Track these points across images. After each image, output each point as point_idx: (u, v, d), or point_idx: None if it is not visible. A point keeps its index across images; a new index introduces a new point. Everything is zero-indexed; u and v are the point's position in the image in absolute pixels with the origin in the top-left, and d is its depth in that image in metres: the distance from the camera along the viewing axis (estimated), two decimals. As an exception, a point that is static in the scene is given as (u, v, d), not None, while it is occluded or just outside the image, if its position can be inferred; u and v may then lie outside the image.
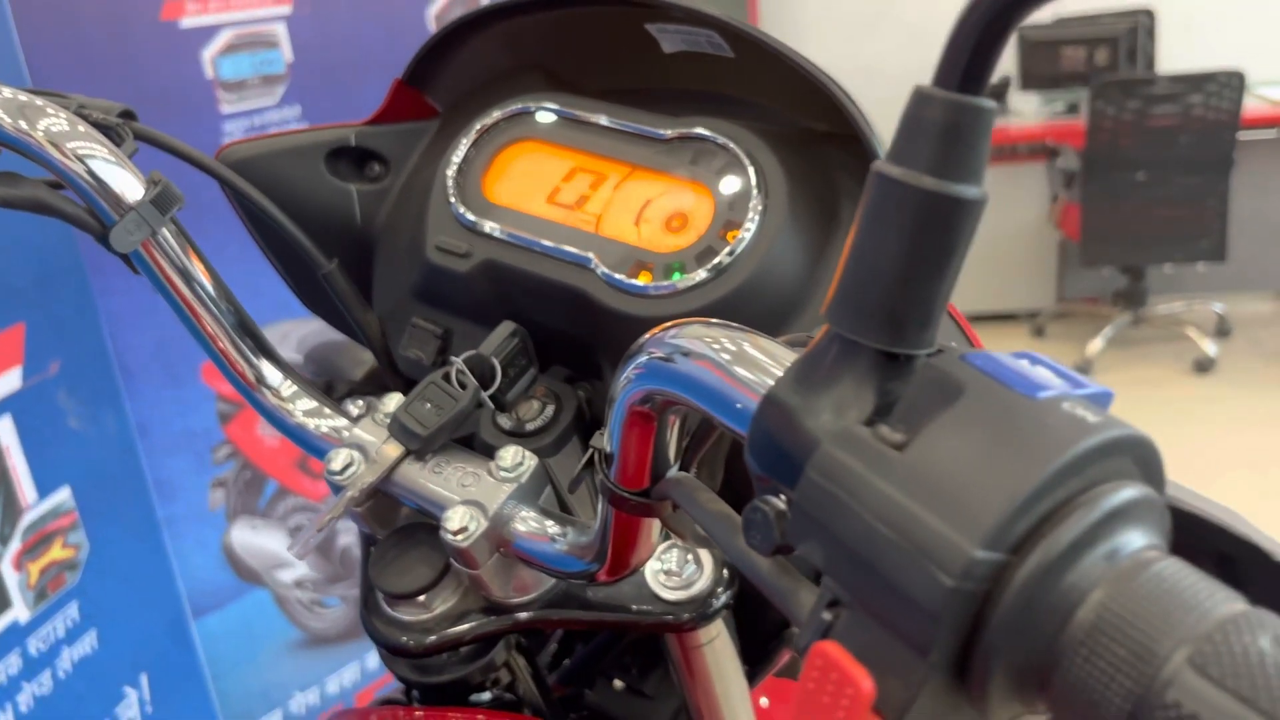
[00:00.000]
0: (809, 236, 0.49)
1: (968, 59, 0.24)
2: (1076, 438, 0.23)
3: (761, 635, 0.58)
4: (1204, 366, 3.61)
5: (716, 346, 0.30)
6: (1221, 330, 3.88)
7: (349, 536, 1.76)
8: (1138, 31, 3.98)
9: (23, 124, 0.50)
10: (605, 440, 0.37)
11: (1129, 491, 0.23)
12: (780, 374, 0.27)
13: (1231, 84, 3.34)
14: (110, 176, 0.50)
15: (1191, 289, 4.01)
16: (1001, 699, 0.23)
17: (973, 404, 0.24)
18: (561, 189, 0.54)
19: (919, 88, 0.25)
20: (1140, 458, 0.24)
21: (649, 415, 0.34)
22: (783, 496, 0.26)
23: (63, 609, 1.39)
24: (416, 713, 0.53)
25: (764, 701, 0.67)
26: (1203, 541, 0.25)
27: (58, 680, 1.38)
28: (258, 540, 1.68)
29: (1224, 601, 0.21)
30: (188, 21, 1.49)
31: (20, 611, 1.32)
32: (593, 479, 0.51)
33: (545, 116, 0.56)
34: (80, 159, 0.50)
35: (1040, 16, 4.23)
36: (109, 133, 0.53)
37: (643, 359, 0.33)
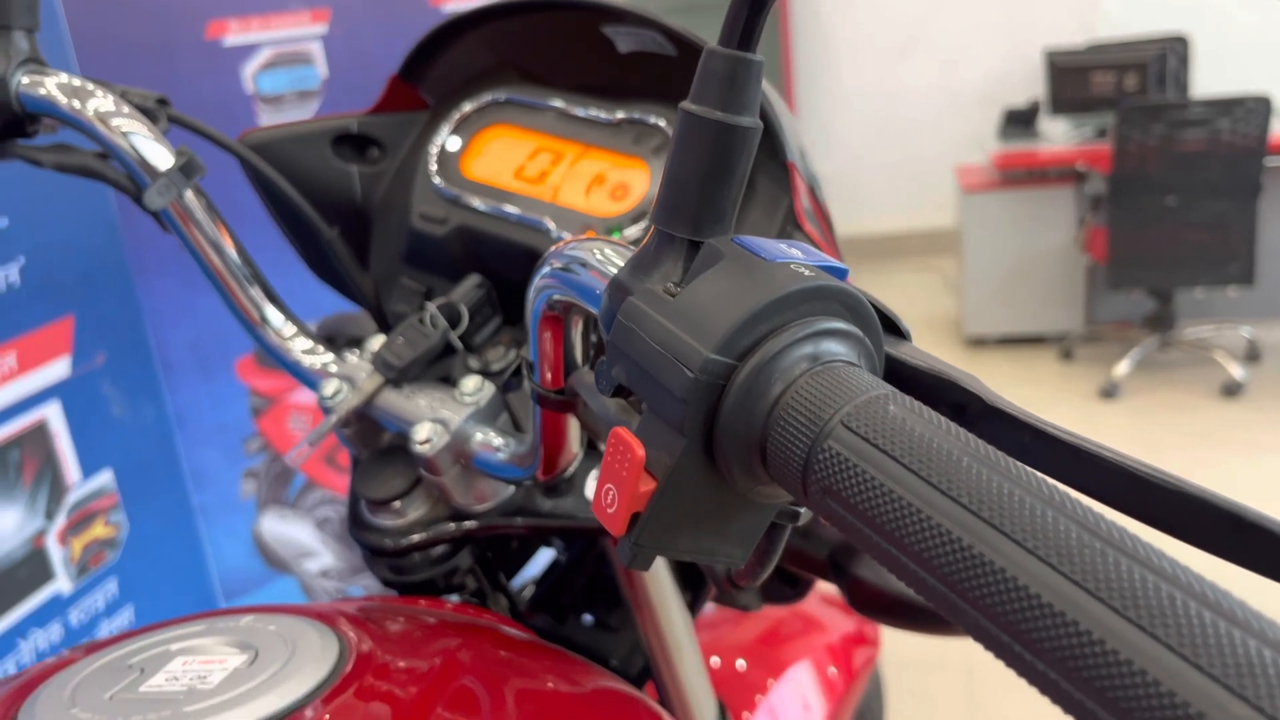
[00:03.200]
0: None
1: (743, 24, 0.31)
2: (790, 282, 0.30)
3: (697, 572, 0.65)
4: (1232, 391, 3.60)
5: (586, 251, 0.38)
6: (1251, 355, 3.88)
7: (373, 529, 1.85)
8: (1167, 57, 4.01)
9: (76, 103, 0.59)
10: (528, 351, 0.45)
11: (827, 323, 0.30)
12: (619, 263, 0.35)
13: (1259, 109, 3.36)
14: (146, 148, 0.59)
15: (1221, 314, 4.01)
16: (738, 470, 0.30)
17: (726, 264, 0.32)
18: (526, 166, 0.62)
19: (710, 47, 0.33)
20: (848, 305, 0.31)
21: (555, 319, 0.42)
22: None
23: (102, 584, 1.48)
24: (393, 602, 0.60)
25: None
26: (938, 394, 0.32)
27: (96, 651, 1.47)
28: (286, 530, 1.77)
29: (874, 387, 0.28)
30: (230, 40, 1.60)
31: (64, 584, 1.42)
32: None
33: (514, 105, 0.64)
34: (123, 134, 0.59)
35: (1072, 41, 4.28)
36: (147, 114, 0.61)
37: (545, 269, 0.40)
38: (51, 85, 0.60)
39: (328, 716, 0.41)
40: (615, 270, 0.36)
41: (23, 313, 1.36)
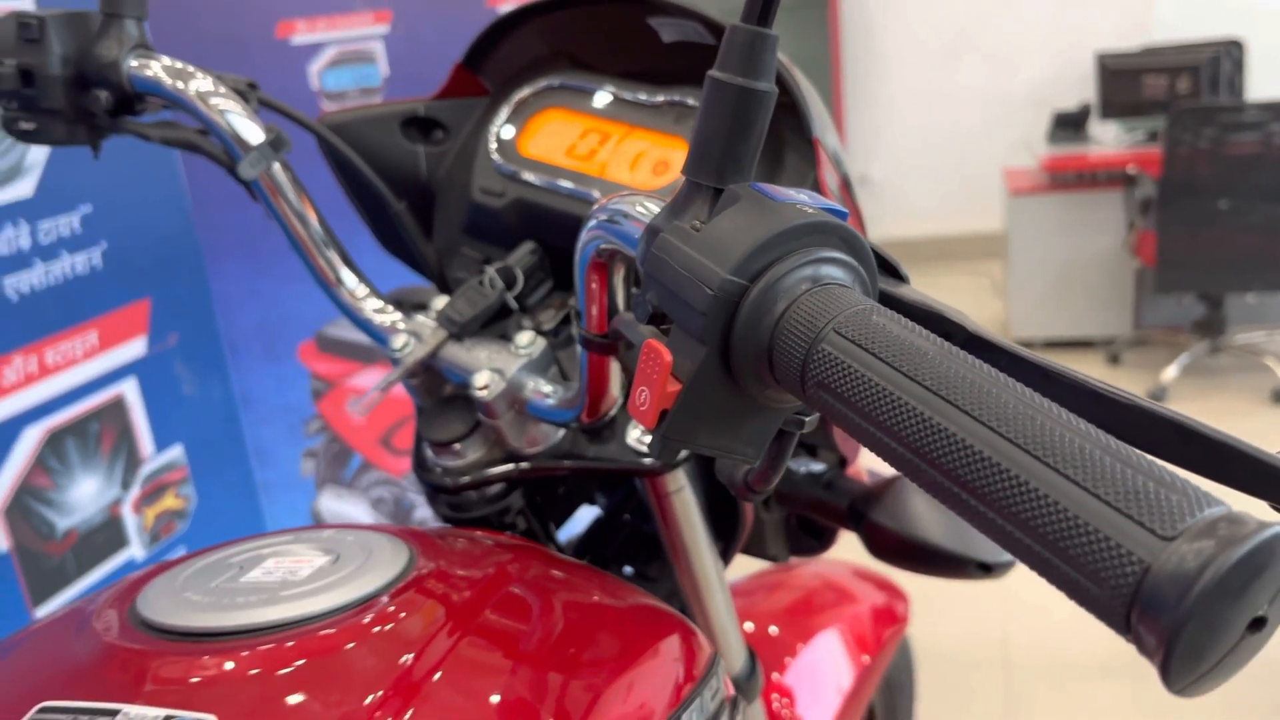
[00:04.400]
0: (760, 174, 0.62)
1: (762, 2, 0.37)
2: (795, 217, 0.36)
3: (729, 524, 0.71)
4: (1284, 397, 3.57)
5: (627, 204, 0.44)
6: (1305, 361, 3.83)
7: (424, 510, 1.92)
8: (1221, 61, 3.98)
9: (180, 84, 0.66)
10: (576, 301, 0.51)
11: (827, 252, 0.36)
12: (654, 211, 0.41)
13: (1313, 113, 3.34)
14: (240, 125, 0.66)
15: (1273, 319, 3.97)
16: (750, 375, 0.36)
17: (743, 204, 0.37)
18: (577, 145, 0.68)
19: (732, 23, 0.38)
20: (845, 239, 0.36)
21: (601, 267, 0.48)
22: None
23: (172, 552, 1.57)
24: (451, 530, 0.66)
25: None
26: (928, 324, 0.37)
27: (165, 615, 1.56)
28: (343, 508, 1.85)
29: (862, 302, 0.34)
30: (298, 39, 1.68)
31: (137, 550, 1.51)
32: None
33: (567, 90, 0.71)
34: (220, 111, 0.66)
35: (1125, 44, 4.26)
36: (239, 95, 0.68)
37: (591, 223, 0.46)
38: (157, 68, 0.67)
39: (397, 605, 0.47)
40: (644, 215, 0.41)
41: (104, 294, 1.45)
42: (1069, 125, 4.29)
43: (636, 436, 0.61)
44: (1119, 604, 0.25)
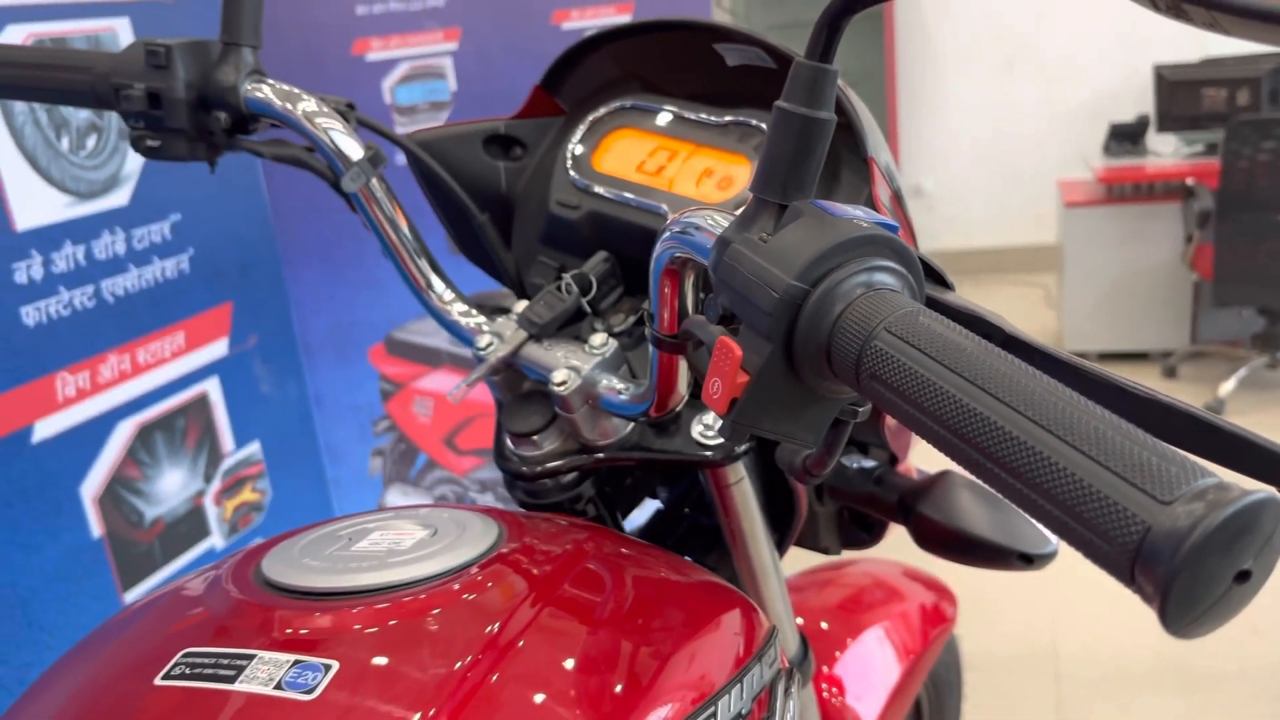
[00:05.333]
0: (819, 190, 0.67)
1: (823, 42, 0.42)
2: (852, 230, 0.41)
3: (784, 517, 0.76)
4: (1346, 412, 3.52)
5: (700, 217, 0.49)
6: (1368, 377, 3.77)
7: (485, 509, 1.99)
8: (1282, 73, 3.94)
9: (289, 106, 0.73)
10: (649, 304, 0.57)
11: (879, 261, 0.41)
12: (724, 225, 0.47)
13: (1377, 125, 3.30)
14: (342, 142, 0.72)
15: (1336, 334, 3.91)
16: (809, 368, 0.41)
17: (806, 219, 0.42)
18: (646, 162, 0.74)
19: (798, 60, 0.43)
20: (896, 250, 0.41)
21: (673, 274, 0.53)
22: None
23: (248, 543, 1.65)
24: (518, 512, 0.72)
25: None
26: (969, 325, 0.42)
27: (242, 602, 1.64)
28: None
29: (910, 304, 0.39)
30: (373, 56, 1.76)
31: (217, 540, 1.59)
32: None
33: (638, 110, 0.76)
34: (324, 130, 0.72)
35: (1183, 56, 4.24)
36: (340, 115, 0.75)
37: (665, 234, 0.52)
38: (269, 91, 0.74)
39: (488, 574, 0.53)
40: (719, 229, 0.47)
41: (191, 297, 1.54)
42: (1126, 137, 4.27)
43: (700, 431, 0.66)
44: (1124, 558, 0.30)
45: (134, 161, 1.44)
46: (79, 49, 0.80)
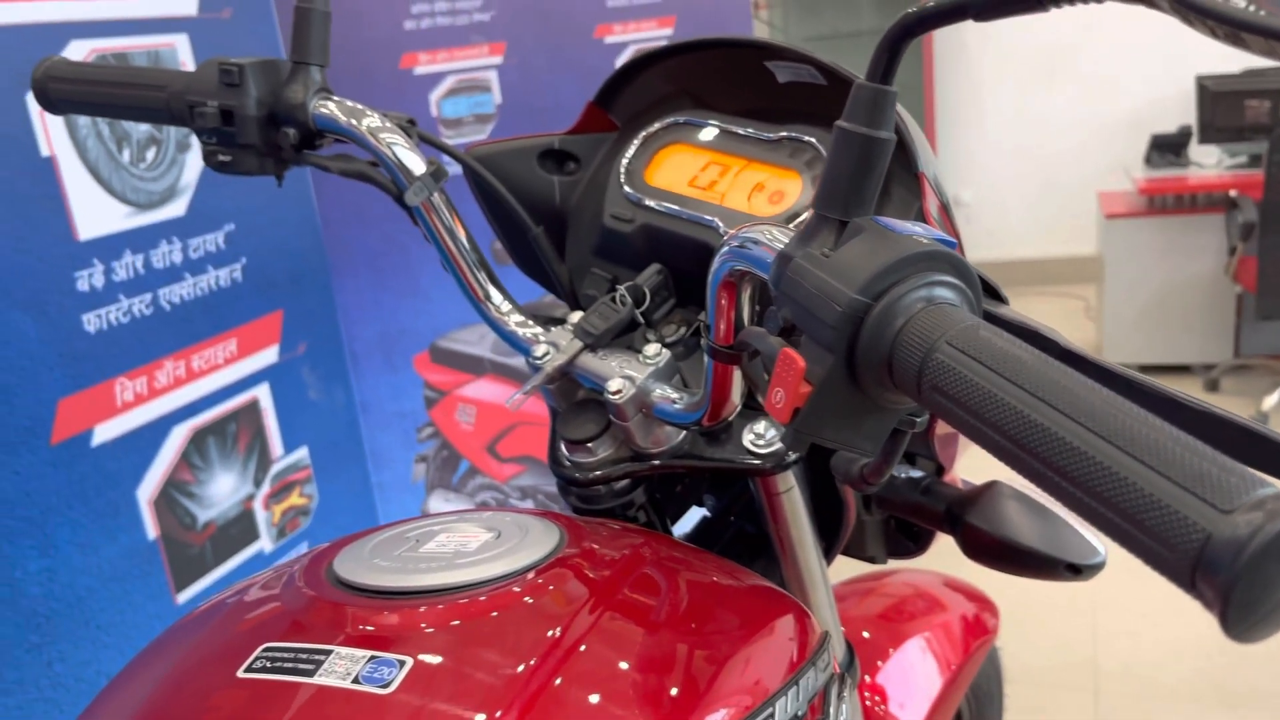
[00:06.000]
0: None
1: (883, 64, 0.44)
2: (912, 247, 0.42)
3: (832, 525, 0.77)
4: (1393, 427, 3.46)
5: (760, 233, 0.51)
6: None
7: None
8: (1328, 84, 3.89)
9: (353, 121, 0.76)
10: (705, 316, 0.59)
11: (939, 276, 0.42)
12: (785, 240, 0.48)
13: None
14: (406, 157, 0.75)
15: (1383, 348, 3.85)
16: (871, 379, 0.42)
17: (866, 235, 0.44)
18: (699, 176, 0.76)
19: (858, 81, 0.45)
20: (954, 265, 0.43)
21: (731, 286, 0.55)
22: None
23: (296, 547, 1.69)
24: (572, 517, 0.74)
25: None
26: (1025, 339, 0.43)
27: (289, 605, 1.67)
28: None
29: (970, 319, 0.40)
30: (420, 69, 1.80)
31: (265, 543, 1.63)
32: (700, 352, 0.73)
33: (690, 126, 0.78)
34: (388, 145, 0.75)
35: (1226, 67, 4.20)
36: (402, 130, 0.77)
37: (724, 248, 0.54)
38: (334, 108, 0.76)
39: (550, 576, 0.55)
40: (782, 245, 0.49)
41: (243, 305, 1.58)
42: (1168, 148, 4.24)
43: (751, 440, 0.68)
44: (1185, 566, 0.31)
45: (191, 173, 1.49)
46: (154, 68, 0.83)
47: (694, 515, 0.89)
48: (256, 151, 0.77)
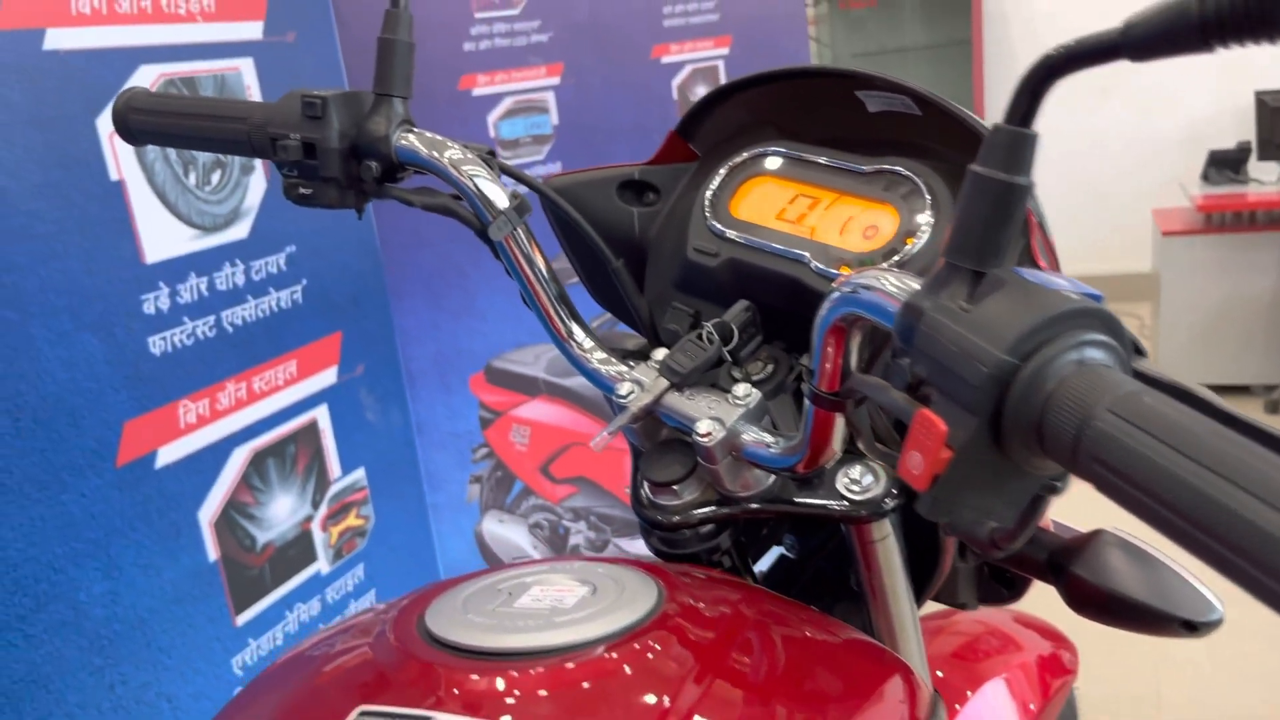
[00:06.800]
0: None
1: (1024, 106, 0.42)
2: (1063, 304, 0.40)
3: (927, 563, 0.74)
4: None
5: (878, 279, 0.48)
6: None
7: (579, 538, 1.99)
8: (1394, 99, 3.79)
9: (435, 154, 0.74)
10: (809, 360, 0.56)
11: (1090, 334, 0.40)
12: (912, 289, 0.46)
13: None
14: (489, 190, 0.74)
15: None
16: (1017, 444, 0.40)
17: (1010, 289, 0.41)
18: (786, 209, 0.74)
19: (996, 124, 0.43)
20: (1106, 322, 0.40)
21: (839, 333, 0.53)
22: (910, 355, 0.44)
23: (353, 568, 1.68)
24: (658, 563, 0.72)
25: None
26: (1185, 402, 0.41)
27: (344, 627, 1.67)
28: (503, 532, 1.94)
29: (1131, 384, 0.37)
30: (479, 91, 1.80)
31: (323, 565, 1.62)
32: (794, 407, 0.70)
33: (777, 158, 0.76)
34: (470, 178, 0.74)
35: (1285, 83, 4.10)
36: (483, 162, 0.76)
37: (835, 294, 0.51)
38: (415, 140, 0.75)
39: (655, 638, 0.53)
40: (904, 293, 0.46)
41: (303, 327, 1.58)
42: (1226, 165, 4.15)
43: (845, 484, 0.65)
44: None
45: (254, 195, 1.49)
46: (234, 99, 0.83)
47: (771, 552, 0.87)
48: (338, 184, 0.76)
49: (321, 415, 1.62)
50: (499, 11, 1.78)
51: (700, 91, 2.08)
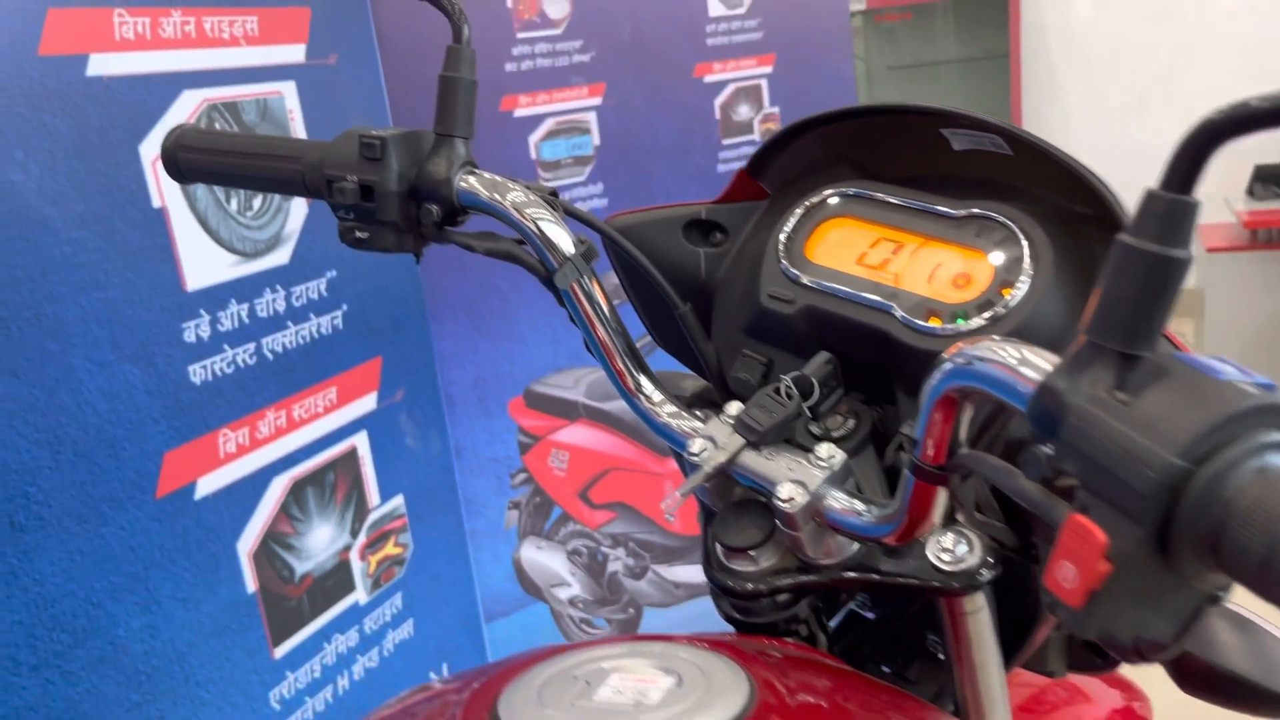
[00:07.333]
0: (1070, 296, 0.62)
1: (1183, 171, 0.38)
2: (1241, 400, 0.36)
3: (1016, 626, 0.70)
4: None
5: (1001, 352, 0.45)
6: None
7: (617, 564, 1.96)
8: None
9: (496, 196, 0.71)
10: (912, 429, 0.52)
11: (1272, 435, 0.36)
12: (1049, 368, 0.42)
13: None
14: (553, 234, 0.70)
15: None
16: (1188, 558, 0.36)
17: (1176, 379, 0.37)
18: (868, 254, 0.70)
19: (1151, 190, 0.39)
20: None
21: (950, 403, 0.49)
22: (1049, 445, 0.40)
23: (391, 598, 1.65)
24: (731, 636, 0.68)
25: None
26: None
27: (382, 658, 1.64)
28: (541, 559, 1.91)
29: None
30: (520, 112, 1.77)
31: (361, 595, 1.59)
32: (882, 476, 0.66)
33: (857, 199, 0.72)
34: (534, 221, 0.70)
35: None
36: (547, 204, 0.73)
37: (948, 364, 0.48)
38: (475, 182, 0.72)
39: None
40: (1039, 372, 0.42)
41: (344, 352, 1.55)
42: (1272, 180, 4.07)
43: (937, 553, 0.61)
44: None
45: (295, 220, 1.47)
46: (287, 137, 0.80)
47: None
48: (396, 229, 0.73)
49: (361, 442, 1.60)
50: (541, 31, 1.76)
51: (743, 111, 2.05)
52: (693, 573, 2.00)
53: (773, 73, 2.05)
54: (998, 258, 0.64)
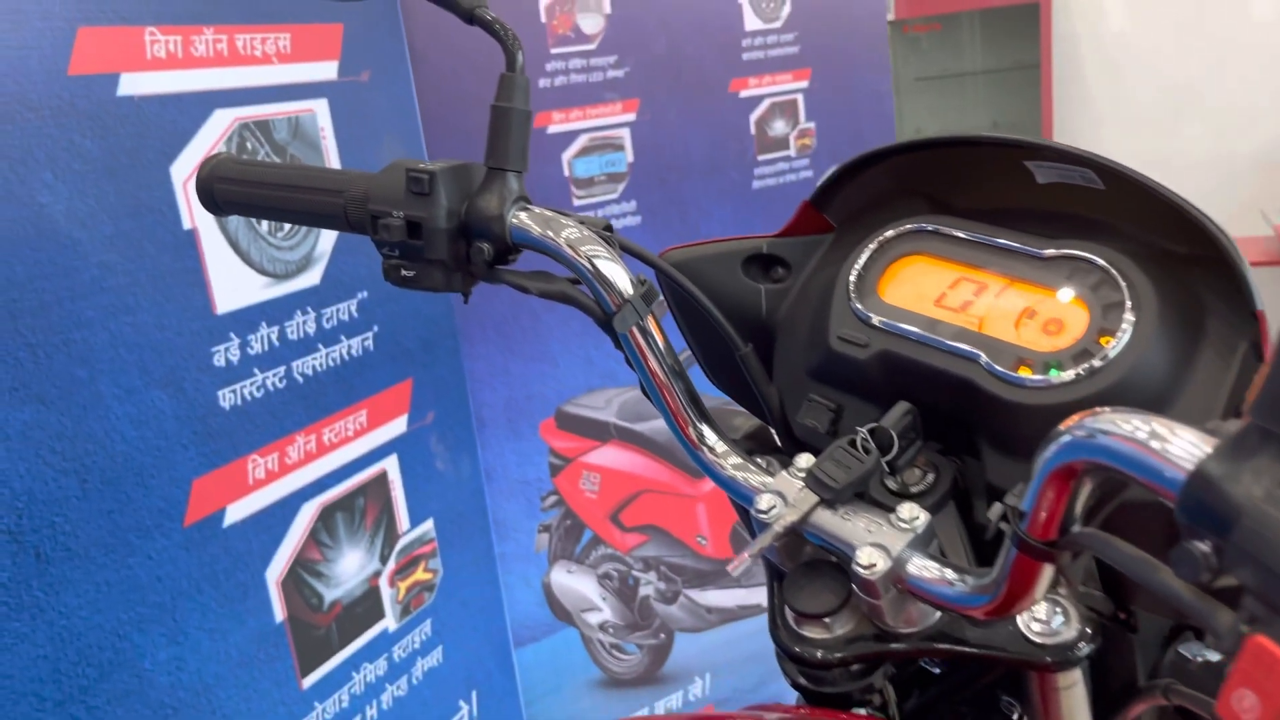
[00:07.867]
0: (1177, 346, 0.57)
1: None
2: None
3: (1109, 696, 0.65)
4: None
5: (1138, 427, 0.40)
6: None
7: (649, 589, 1.92)
8: None
9: (550, 233, 0.67)
10: (1017, 499, 0.48)
11: None
12: (1203, 453, 0.37)
13: None
14: (610, 272, 0.66)
15: None
16: None
17: None
18: (947, 295, 0.65)
19: None
20: None
21: (1066, 476, 0.44)
22: (1208, 541, 0.36)
23: (420, 624, 1.62)
24: (801, 711, 0.64)
25: None
26: None
27: (411, 686, 1.60)
28: (572, 583, 1.87)
29: None
30: (554, 128, 1.73)
31: (390, 621, 1.56)
32: (965, 535, 0.61)
33: (934, 235, 0.67)
34: (589, 259, 0.66)
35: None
36: (602, 240, 0.68)
37: (1066, 438, 0.43)
38: (526, 218, 0.68)
39: None
40: (1190, 457, 0.38)
41: (374, 375, 1.52)
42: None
43: (1029, 623, 0.57)
44: None
45: (326, 241, 1.44)
46: (329, 169, 0.76)
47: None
48: (444, 267, 0.69)
49: (391, 466, 1.56)
50: (575, 46, 1.72)
51: (778, 126, 2.00)
52: (725, 597, 1.95)
53: (809, 87, 2.01)
54: (1093, 303, 0.60)
